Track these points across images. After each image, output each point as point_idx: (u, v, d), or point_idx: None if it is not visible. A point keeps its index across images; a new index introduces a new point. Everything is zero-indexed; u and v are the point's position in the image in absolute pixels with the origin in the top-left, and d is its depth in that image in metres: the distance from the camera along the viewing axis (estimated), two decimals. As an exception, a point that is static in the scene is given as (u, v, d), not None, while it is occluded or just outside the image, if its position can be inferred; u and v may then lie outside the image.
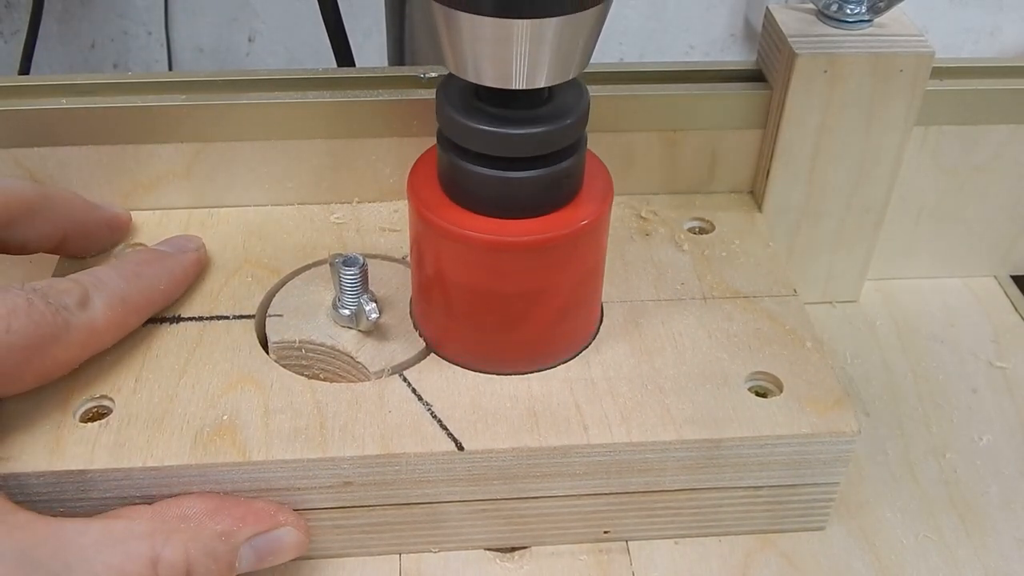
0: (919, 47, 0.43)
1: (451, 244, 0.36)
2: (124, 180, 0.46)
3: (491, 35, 0.32)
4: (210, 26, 1.15)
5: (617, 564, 0.39)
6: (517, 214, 0.36)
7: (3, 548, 0.29)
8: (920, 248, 0.52)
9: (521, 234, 0.36)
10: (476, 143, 0.35)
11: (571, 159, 0.36)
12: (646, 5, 1.14)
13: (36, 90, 0.45)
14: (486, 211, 0.36)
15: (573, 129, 0.35)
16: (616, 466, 0.37)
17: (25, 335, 0.34)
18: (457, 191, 0.36)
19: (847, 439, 0.37)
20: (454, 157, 0.36)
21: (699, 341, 0.40)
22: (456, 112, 0.34)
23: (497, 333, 0.38)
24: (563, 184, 0.36)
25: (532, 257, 0.36)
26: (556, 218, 0.36)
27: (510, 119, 0.34)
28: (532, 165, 0.35)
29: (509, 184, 0.35)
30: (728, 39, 1.18)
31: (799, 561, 0.39)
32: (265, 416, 0.37)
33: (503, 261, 0.36)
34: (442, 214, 0.36)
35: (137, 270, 0.40)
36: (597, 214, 0.37)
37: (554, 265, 0.37)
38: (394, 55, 0.66)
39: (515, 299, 0.37)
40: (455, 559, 0.39)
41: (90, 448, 0.35)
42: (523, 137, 0.34)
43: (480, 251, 0.36)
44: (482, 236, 0.36)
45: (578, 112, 0.35)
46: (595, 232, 0.37)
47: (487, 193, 0.36)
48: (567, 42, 0.32)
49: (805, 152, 0.46)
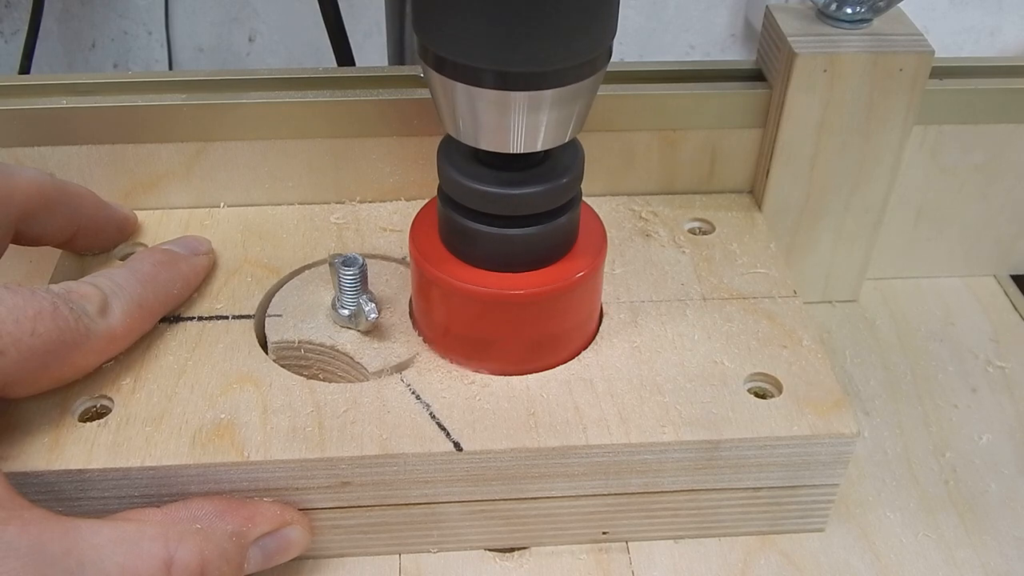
0: (919, 47, 0.43)
1: (451, 295, 0.37)
2: (124, 179, 0.46)
3: (489, 105, 0.32)
4: (210, 26, 1.15)
5: (617, 564, 0.39)
6: (515, 268, 0.37)
7: (18, 543, 0.29)
8: (920, 248, 0.52)
9: (519, 288, 0.37)
10: (475, 202, 0.36)
11: (567, 215, 0.37)
12: (646, 5, 1.14)
13: (36, 89, 0.45)
14: (484, 265, 0.37)
15: (569, 188, 0.36)
16: (615, 467, 0.37)
17: (49, 340, 0.34)
18: (457, 245, 0.37)
19: (847, 440, 0.37)
20: (454, 213, 0.37)
21: (698, 342, 0.40)
22: (455, 172, 0.35)
23: (496, 362, 0.39)
24: (560, 239, 0.37)
25: (530, 308, 0.37)
26: (553, 271, 0.37)
27: (508, 180, 0.35)
28: (529, 222, 0.36)
29: (507, 240, 0.36)
30: (728, 39, 1.18)
31: (799, 561, 0.39)
32: (264, 416, 0.37)
33: (501, 312, 0.37)
34: (442, 267, 0.37)
35: (153, 273, 0.39)
36: (592, 266, 0.38)
37: (551, 314, 0.38)
38: (394, 55, 0.66)
39: (510, 340, 0.38)
40: (454, 559, 0.39)
41: (89, 448, 0.35)
42: (521, 197, 0.35)
43: (478, 303, 0.37)
44: (479, 289, 0.37)
45: (574, 171, 0.36)
46: (591, 281, 0.38)
47: (486, 248, 0.37)
48: (564, 110, 0.33)
49: (805, 152, 0.46)
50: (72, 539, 0.30)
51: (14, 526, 0.30)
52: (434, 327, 0.39)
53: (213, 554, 0.33)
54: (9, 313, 0.32)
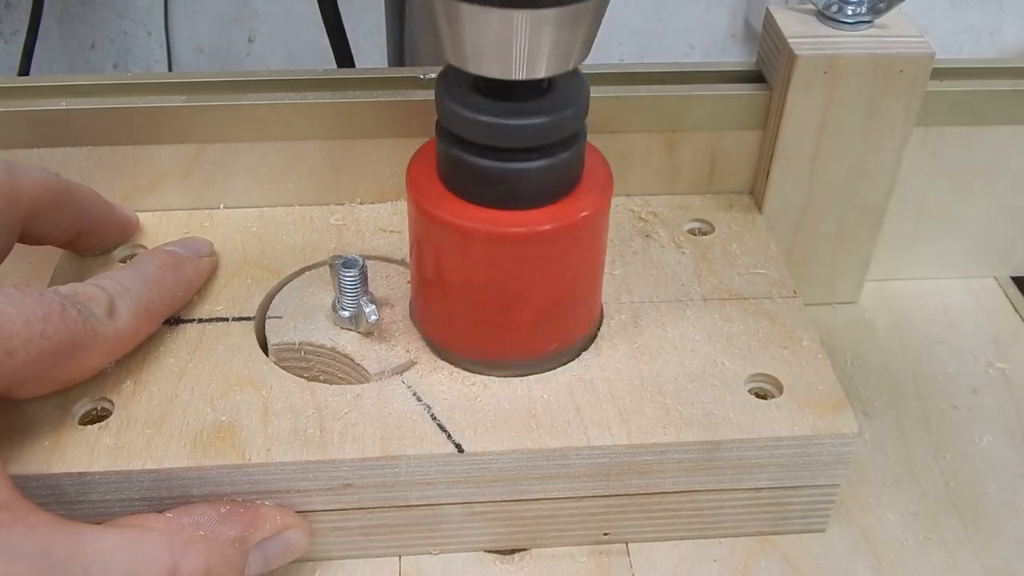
0: (919, 48, 0.43)
1: (449, 235, 0.36)
2: (124, 181, 0.46)
3: (491, 26, 0.32)
4: (210, 26, 1.15)
5: (617, 566, 0.39)
6: (516, 205, 0.36)
7: (24, 546, 0.29)
8: (920, 249, 0.52)
9: (519, 225, 0.35)
10: (475, 133, 0.34)
11: (570, 151, 0.36)
12: (646, 5, 1.14)
13: (36, 91, 0.45)
14: (485, 202, 0.36)
15: (571, 120, 0.35)
16: (616, 468, 0.37)
17: (58, 341, 0.33)
18: (456, 182, 0.36)
19: (847, 441, 0.37)
20: (453, 148, 0.35)
21: (699, 343, 0.40)
22: (455, 103, 0.34)
23: (495, 327, 0.38)
24: (563, 175, 0.36)
25: (531, 248, 0.36)
26: (556, 209, 0.36)
27: (509, 110, 0.34)
28: (531, 156, 0.35)
29: (508, 175, 0.35)
30: (728, 40, 1.18)
31: (800, 562, 0.39)
32: (265, 418, 0.37)
33: (501, 252, 0.36)
34: (440, 205, 0.36)
35: (159, 275, 0.39)
36: (597, 206, 0.37)
37: (553, 257, 0.36)
38: (394, 56, 0.66)
39: (513, 291, 0.37)
40: (455, 561, 0.39)
41: (90, 450, 0.35)
42: (522, 128, 0.34)
43: (478, 242, 0.36)
44: (479, 227, 0.35)
45: (578, 104, 0.35)
46: (595, 224, 0.37)
47: (486, 184, 0.35)
48: (567, 33, 0.32)
49: (805, 153, 0.46)
50: (77, 544, 0.30)
51: (20, 529, 0.30)
52: (427, 278, 0.38)
53: (217, 560, 0.33)
54: (19, 314, 0.32)
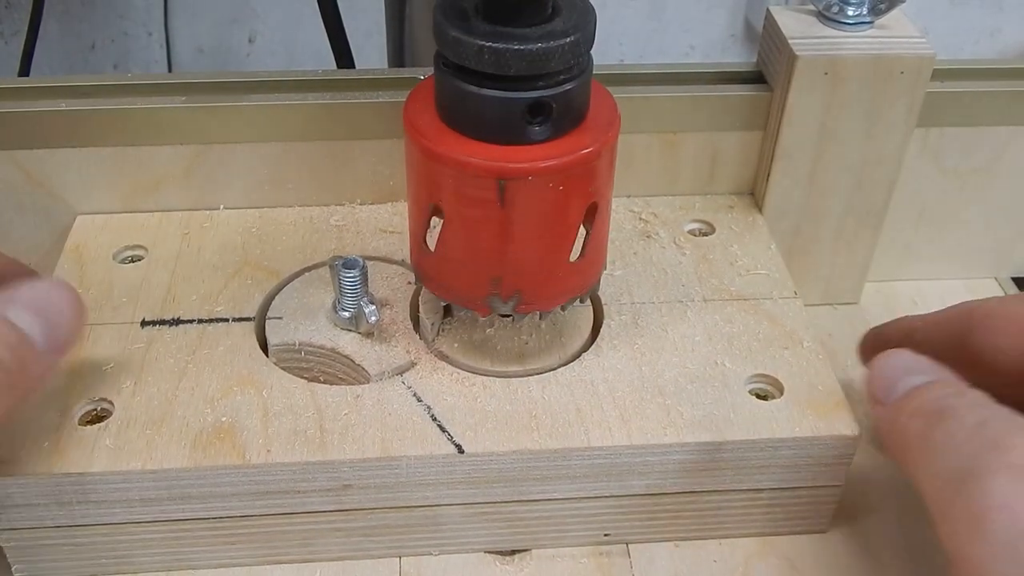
0: (920, 49, 0.43)
1: (448, 171, 0.34)
2: (124, 182, 0.46)
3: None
4: (210, 26, 1.15)
5: (617, 567, 0.39)
6: (517, 139, 0.34)
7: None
8: (921, 250, 0.52)
9: (521, 160, 0.34)
10: (473, 60, 0.32)
11: (574, 82, 0.34)
12: (646, 5, 1.14)
13: (35, 92, 0.44)
14: (485, 136, 0.34)
15: (576, 48, 0.33)
16: (616, 469, 0.37)
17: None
18: (454, 115, 0.34)
19: (848, 442, 0.37)
20: (451, 78, 0.34)
21: (699, 343, 0.40)
22: (453, 28, 0.33)
23: (496, 270, 0.36)
24: (567, 108, 0.34)
25: (533, 184, 0.34)
26: (558, 144, 0.34)
27: (511, 35, 0.32)
28: (533, 86, 0.33)
29: (508, 105, 0.33)
30: (728, 40, 1.18)
31: (800, 564, 0.39)
32: (265, 419, 0.37)
33: (503, 187, 0.34)
34: (439, 141, 0.34)
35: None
36: (602, 142, 0.35)
37: (556, 195, 0.35)
38: (394, 56, 0.66)
39: (514, 231, 0.35)
40: (455, 562, 0.39)
41: (89, 451, 0.35)
42: (523, 53, 0.32)
43: (478, 177, 0.34)
44: (479, 162, 0.34)
45: (583, 31, 0.33)
46: (599, 162, 0.35)
47: (486, 116, 0.34)
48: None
49: (806, 154, 0.46)
50: None
51: None
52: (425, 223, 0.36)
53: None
54: None
